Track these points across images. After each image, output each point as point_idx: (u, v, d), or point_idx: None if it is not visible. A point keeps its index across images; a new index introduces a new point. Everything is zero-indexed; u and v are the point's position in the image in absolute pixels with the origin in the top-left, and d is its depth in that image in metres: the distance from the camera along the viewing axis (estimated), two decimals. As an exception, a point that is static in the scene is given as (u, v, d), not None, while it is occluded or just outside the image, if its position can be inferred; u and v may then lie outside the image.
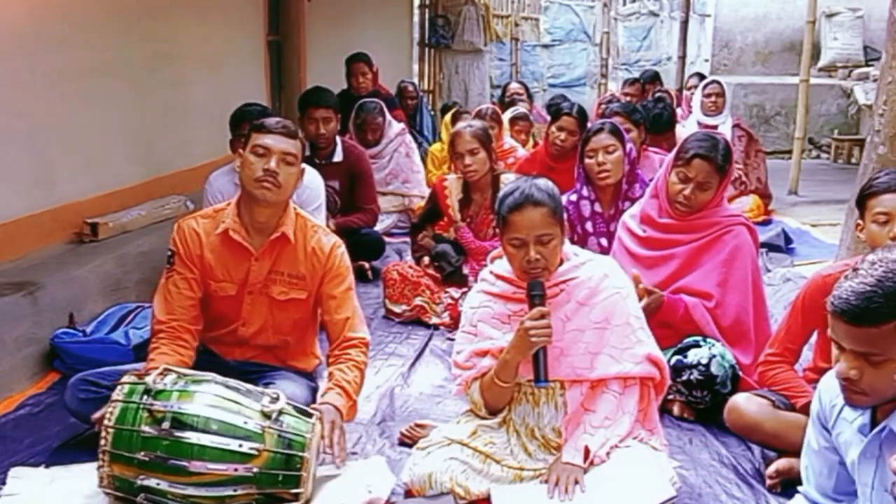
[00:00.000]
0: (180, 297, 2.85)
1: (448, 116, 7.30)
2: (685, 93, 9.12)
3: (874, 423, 1.95)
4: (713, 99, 6.97)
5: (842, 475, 2.11)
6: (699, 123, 6.89)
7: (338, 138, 5.16)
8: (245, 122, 3.97)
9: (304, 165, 4.46)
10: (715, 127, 6.67)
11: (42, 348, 3.62)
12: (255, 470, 2.33)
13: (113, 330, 3.77)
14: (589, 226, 4.01)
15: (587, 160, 3.95)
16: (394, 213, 6.20)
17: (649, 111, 5.99)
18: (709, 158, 3.18)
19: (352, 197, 5.13)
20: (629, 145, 4.04)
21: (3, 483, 2.63)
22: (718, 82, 7.18)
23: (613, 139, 3.92)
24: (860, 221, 2.78)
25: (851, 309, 1.81)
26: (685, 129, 6.80)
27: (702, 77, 8.65)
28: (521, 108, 7.65)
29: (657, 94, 7.69)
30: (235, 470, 2.31)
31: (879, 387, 1.85)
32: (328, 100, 5.02)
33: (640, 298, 3.06)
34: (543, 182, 2.62)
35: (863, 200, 2.76)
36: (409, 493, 2.58)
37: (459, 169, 4.38)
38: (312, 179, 4.34)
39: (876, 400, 1.89)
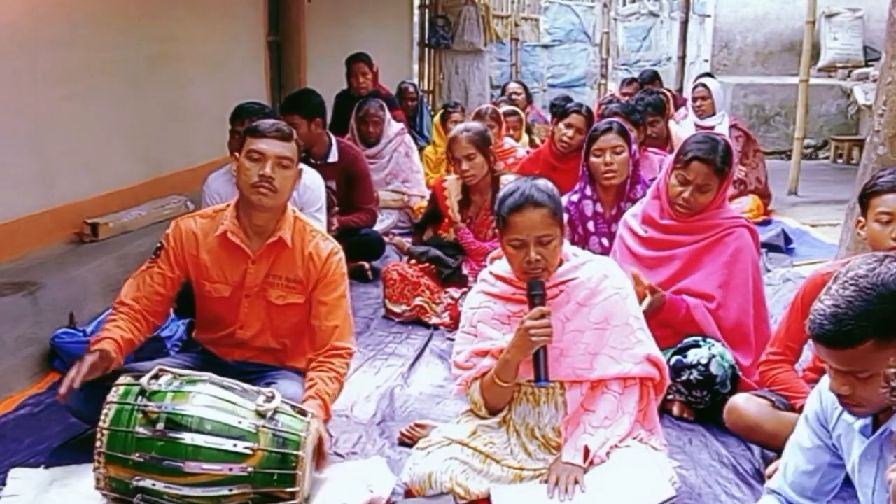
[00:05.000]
0: (151, 289, 2.88)
1: (437, 117, 7.30)
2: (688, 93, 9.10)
3: (876, 424, 1.95)
4: (698, 103, 6.96)
5: (826, 475, 2.12)
6: (696, 125, 6.88)
7: (333, 138, 5.14)
8: (241, 120, 3.96)
9: (303, 166, 4.47)
10: (711, 128, 6.66)
11: (42, 348, 3.62)
12: (249, 469, 2.32)
13: (113, 330, 3.77)
14: (591, 225, 4.01)
15: (593, 159, 3.94)
16: (394, 212, 6.20)
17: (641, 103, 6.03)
18: (707, 161, 3.18)
19: (350, 197, 5.13)
20: (633, 146, 4.04)
21: (3, 483, 2.63)
22: (704, 85, 7.07)
23: (621, 140, 3.92)
24: (861, 219, 2.78)
25: (825, 333, 1.81)
26: (683, 129, 6.80)
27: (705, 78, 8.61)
28: (511, 107, 7.65)
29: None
30: (230, 470, 2.31)
31: (873, 399, 1.84)
32: (295, 106, 4.89)
33: (643, 297, 3.07)
34: (543, 183, 2.62)
35: (865, 198, 2.75)
36: (409, 493, 2.58)
37: (458, 173, 4.39)
38: (314, 180, 4.33)
39: (874, 409, 1.90)
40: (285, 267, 2.91)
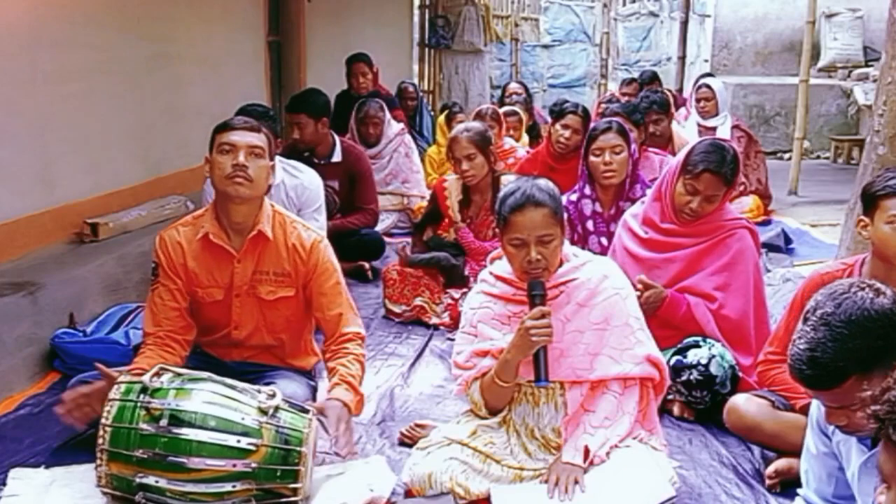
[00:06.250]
0: (165, 308, 2.86)
1: (442, 118, 7.30)
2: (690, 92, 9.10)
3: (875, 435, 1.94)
4: (702, 104, 6.96)
5: (841, 480, 2.11)
6: (698, 125, 6.88)
7: (337, 138, 5.15)
8: None
9: (299, 164, 4.47)
10: (714, 128, 6.67)
11: (42, 348, 3.62)
12: (253, 465, 2.33)
13: (113, 330, 3.77)
14: (590, 224, 4.01)
15: (593, 158, 3.94)
16: (394, 213, 6.20)
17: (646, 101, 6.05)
18: (718, 173, 3.17)
19: (351, 197, 5.13)
20: (633, 146, 4.04)
21: (4, 484, 2.63)
22: (708, 86, 7.07)
23: (620, 139, 3.92)
24: (864, 218, 2.72)
25: (807, 378, 1.84)
26: (685, 130, 6.80)
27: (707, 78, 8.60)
28: (513, 107, 7.65)
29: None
30: (234, 466, 2.32)
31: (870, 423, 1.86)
32: (301, 106, 4.89)
33: (641, 292, 3.07)
34: (544, 182, 2.62)
35: (874, 200, 2.68)
36: (409, 493, 2.58)
37: (458, 173, 4.39)
38: (312, 180, 4.34)
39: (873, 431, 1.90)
40: (271, 261, 2.90)
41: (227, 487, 2.32)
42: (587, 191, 4.02)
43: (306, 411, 2.51)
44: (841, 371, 1.79)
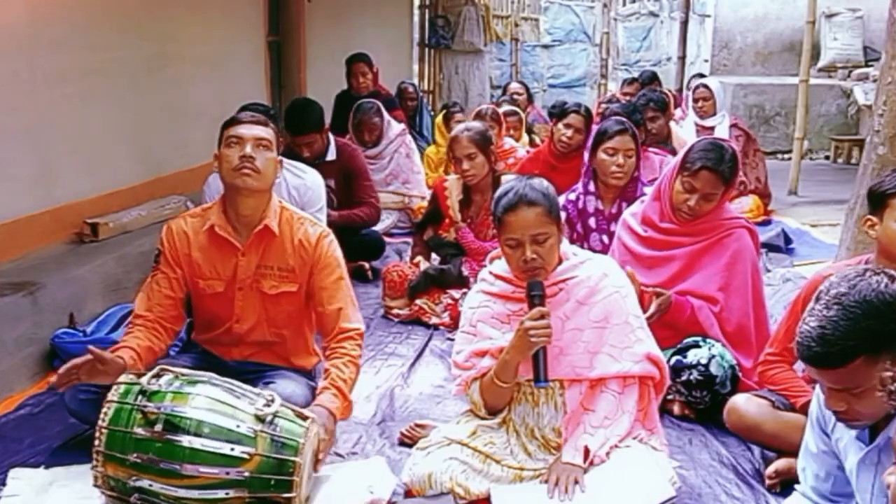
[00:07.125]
0: (160, 295, 2.88)
1: (440, 118, 7.29)
2: (686, 93, 9.10)
3: (873, 431, 1.94)
4: (700, 104, 6.96)
5: (839, 478, 2.12)
6: (696, 124, 6.88)
7: (331, 136, 5.14)
8: None
9: (301, 165, 4.48)
10: (711, 128, 6.67)
11: (42, 348, 3.62)
12: (246, 474, 2.32)
13: (113, 330, 3.77)
14: (591, 222, 4.02)
15: (603, 156, 3.93)
16: (394, 213, 6.19)
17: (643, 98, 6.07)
18: (716, 171, 3.17)
19: (349, 194, 5.12)
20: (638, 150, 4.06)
21: (3, 483, 2.63)
22: (706, 85, 7.05)
23: (633, 144, 3.95)
24: (872, 218, 2.71)
25: (815, 355, 1.82)
26: (683, 129, 6.80)
27: (703, 78, 8.61)
28: (511, 106, 7.65)
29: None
30: (227, 473, 2.30)
31: (869, 411, 1.86)
32: (306, 125, 4.84)
33: (649, 301, 3.07)
34: (538, 181, 2.62)
35: (884, 198, 2.66)
36: (409, 493, 2.58)
37: (458, 172, 4.39)
38: (314, 180, 4.34)
39: (872, 420, 1.90)
40: (275, 256, 2.91)
41: (220, 494, 2.31)
42: (591, 187, 4.02)
43: (305, 419, 2.48)
44: (850, 350, 1.78)
